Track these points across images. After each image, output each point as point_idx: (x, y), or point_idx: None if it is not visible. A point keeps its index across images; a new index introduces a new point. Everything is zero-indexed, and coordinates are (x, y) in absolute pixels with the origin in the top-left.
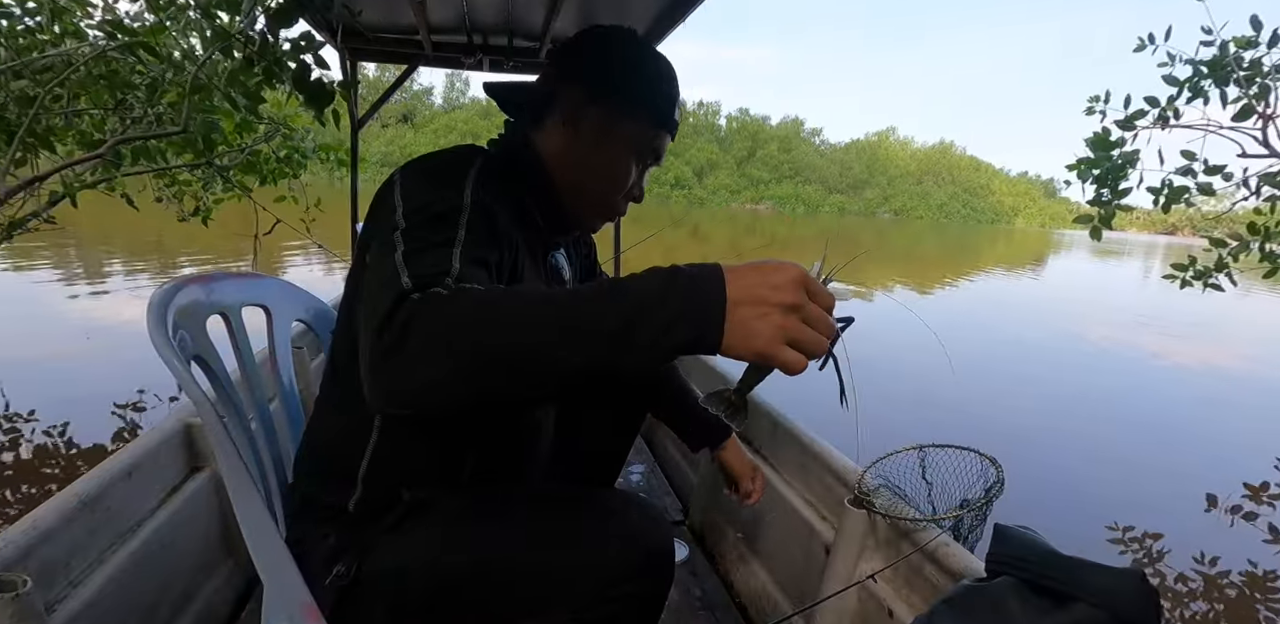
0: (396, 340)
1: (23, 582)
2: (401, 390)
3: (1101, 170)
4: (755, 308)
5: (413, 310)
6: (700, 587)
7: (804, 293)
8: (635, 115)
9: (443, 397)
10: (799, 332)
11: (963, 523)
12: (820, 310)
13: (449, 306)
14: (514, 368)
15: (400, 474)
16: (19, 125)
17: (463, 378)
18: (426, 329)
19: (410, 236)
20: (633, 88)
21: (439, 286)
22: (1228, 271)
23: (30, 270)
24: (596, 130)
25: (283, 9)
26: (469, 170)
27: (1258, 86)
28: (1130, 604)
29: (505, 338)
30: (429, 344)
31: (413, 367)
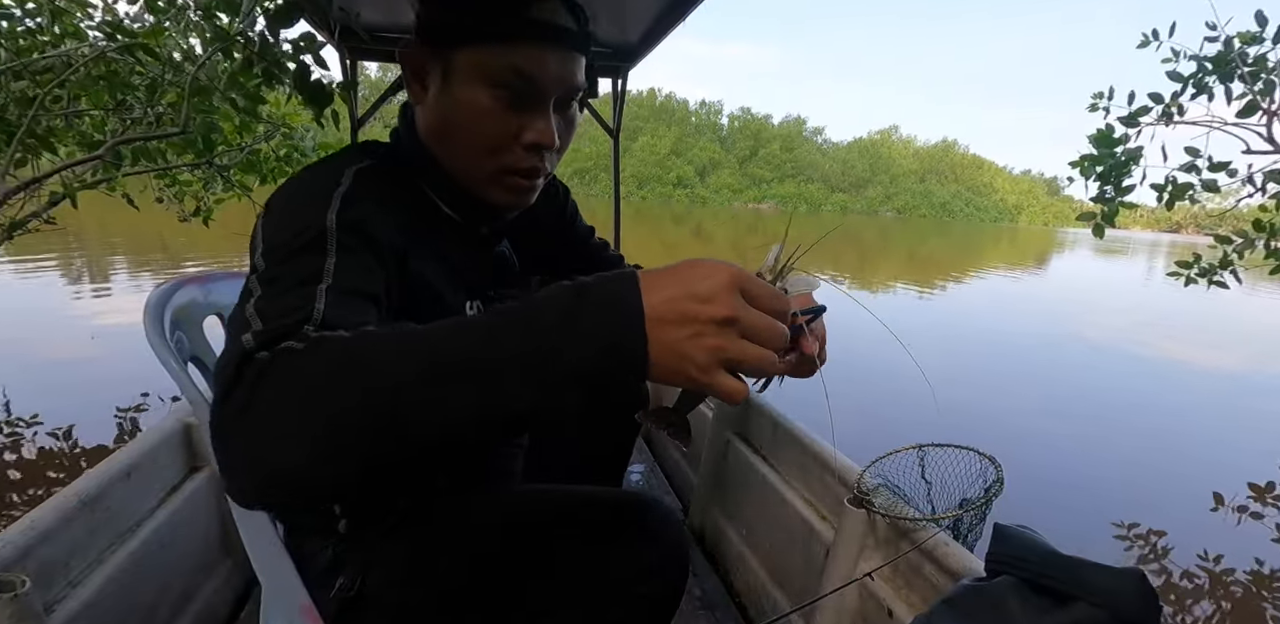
0: (237, 416)
1: (21, 582)
2: (258, 479)
3: (1105, 167)
4: (682, 327)
5: (257, 376)
6: (700, 587)
7: (739, 300)
8: (468, 40)
9: (315, 477)
10: (738, 351)
11: (962, 522)
12: (764, 318)
13: (301, 365)
14: (393, 427)
15: (374, 494)
16: (19, 126)
17: (333, 450)
18: (273, 398)
19: (267, 278)
20: (454, 11)
21: (293, 339)
22: (1232, 269)
23: (33, 271)
24: (440, 81)
25: (282, 10)
26: (335, 186)
27: (1263, 82)
28: (1130, 604)
29: (372, 396)
30: (278, 418)
31: (266, 445)
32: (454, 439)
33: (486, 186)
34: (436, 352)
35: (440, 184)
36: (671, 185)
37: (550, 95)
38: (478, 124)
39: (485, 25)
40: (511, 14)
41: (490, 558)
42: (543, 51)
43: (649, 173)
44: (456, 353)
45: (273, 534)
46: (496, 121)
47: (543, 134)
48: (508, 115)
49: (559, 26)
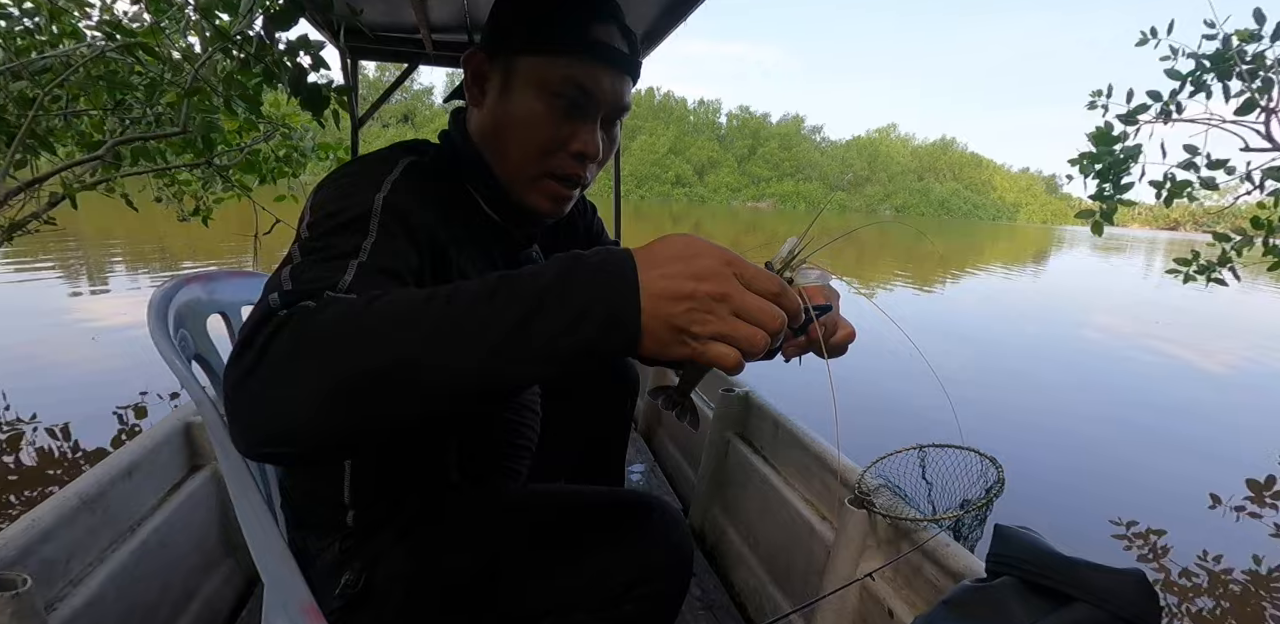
0: (251, 366)
1: (22, 580)
2: (260, 427)
3: (1104, 165)
4: (677, 302)
5: (274, 330)
6: (700, 587)
7: (733, 280)
8: (532, 49)
9: (312, 431)
10: (729, 328)
11: (963, 523)
12: (757, 299)
13: (311, 321)
14: (388, 387)
15: (386, 486)
16: (18, 127)
17: (328, 405)
18: (283, 350)
19: (308, 248)
20: (522, 23)
21: (312, 300)
22: (1231, 266)
23: (32, 272)
24: (500, 86)
25: (282, 11)
26: (388, 173)
27: (1261, 80)
28: (1131, 605)
29: (372, 352)
30: (284, 369)
31: (268, 397)
32: (451, 402)
33: (528, 189)
34: (437, 313)
35: (485, 184)
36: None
37: (600, 110)
38: (532, 126)
39: (551, 39)
40: (576, 31)
41: (496, 557)
42: (599, 69)
43: (647, 172)
44: (456, 315)
45: (275, 532)
46: (550, 126)
47: (589, 144)
48: (560, 123)
49: (615, 48)
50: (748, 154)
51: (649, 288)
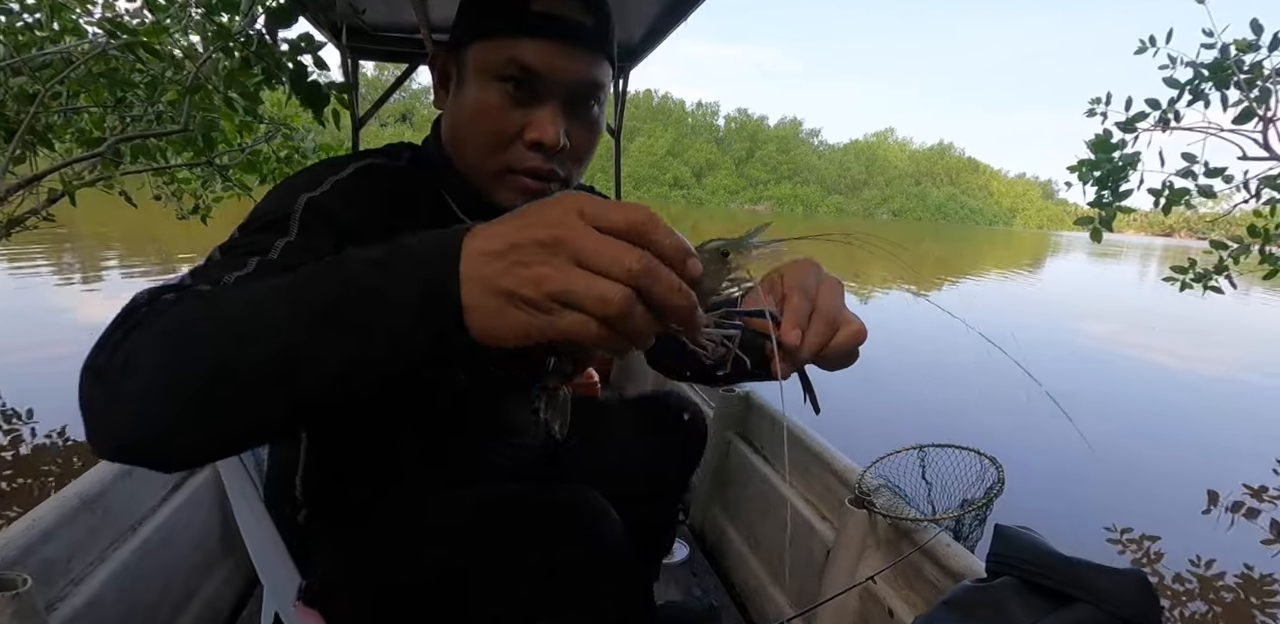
0: (98, 362)
1: (23, 580)
2: (103, 425)
3: (1102, 172)
4: (500, 258)
5: (130, 324)
6: (700, 587)
7: (574, 220)
8: (475, 36)
9: (151, 429)
10: (565, 281)
11: (963, 523)
12: (601, 238)
13: (163, 312)
14: (236, 374)
15: (335, 479)
16: (19, 123)
17: (160, 398)
18: (131, 344)
19: (226, 247)
20: (468, 10)
21: (175, 293)
22: (1227, 274)
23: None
24: (456, 82)
25: (283, 9)
26: (334, 174)
27: (1258, 90)
28: (1131, 605)
29: (219, 336)
30: (126, 362)
31: (109, 394)
32: (290, 389)
33: (493, 187)
34: (270, 297)
35: (455, 186)
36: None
37: (556, 92)
38: (481, 120)
39: (488, 20)
40: (515, 6)
41: (429, 562)
42: (547, 45)
43: (645, 173)
44: (286, 296)
45: (273, 532)
46: (499, 117)
47: (544, 132)
48: (511, 112)
49: (564, 19)
50: (746, 157)
51: (470, 247)
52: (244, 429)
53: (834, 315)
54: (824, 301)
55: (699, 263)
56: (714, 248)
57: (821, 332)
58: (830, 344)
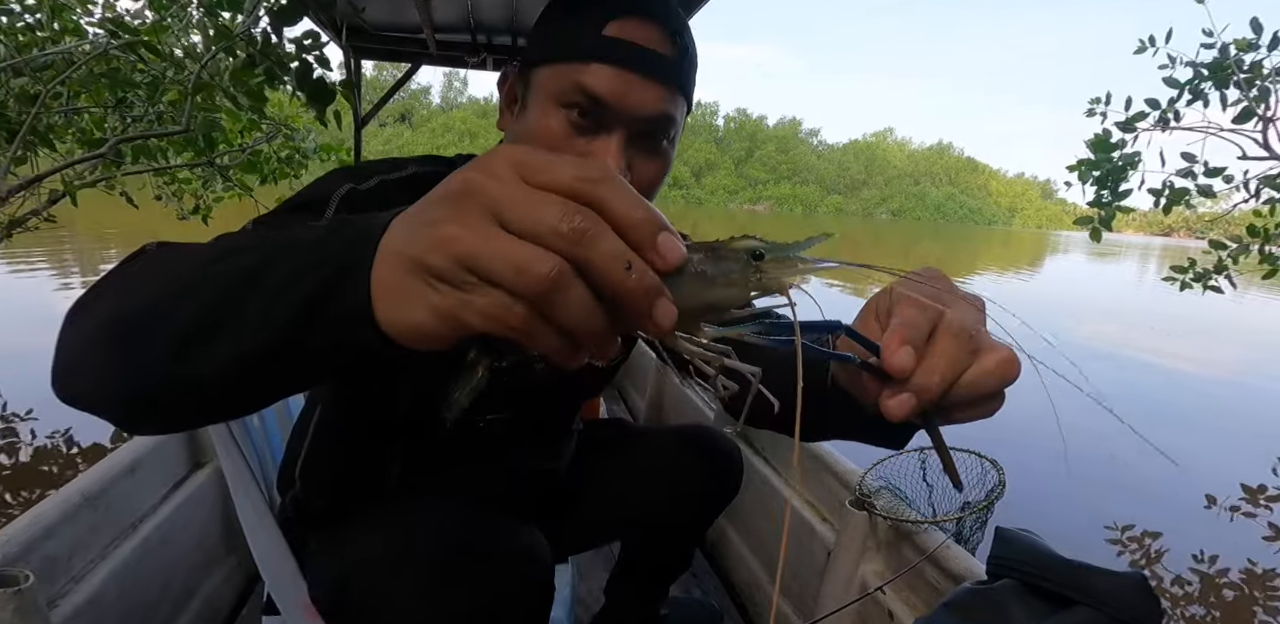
0: (78, 301)
1: (24, 577)
2: (58, 371)
3: (1102, 172)
4: (413, 220)
5: (113, 269)
6: (700, 587)
7: (505, 171)
8: (547, 58)
9: (87, 377)
10: (474, 244)
11: (964, 525)
12: (537, 196)
13: (135, 259)
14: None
15: (324, 481)
16: (20, 123)
17: (95, 345)
18: (97, 287)
19: (256, 221)
20: (541, 31)
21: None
22: (1227, 273)
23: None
24: (522, 101)
25: (286, 8)
26: (383, 173)
27: (1258, 89)
28: (1131, 607)
29: (140, 287)
30: (88, 310)
31: (63, 333)
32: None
33: None
34: (215, 254)
35: None
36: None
37: (622, 122)
38: (540, 146)
39: (559, 42)
40: (589, 30)
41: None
42: (618, 73)
43: None
44: (226, 255)
45: (275, 530)
46: (559, 145)
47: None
48: (572, 139)
49: (640, 47)
50: (745, 156)
51: (398, 220)
52: (152, 385)
53: (970, 334)
54: (955, 315)
55: (678, 243)
56: (745, 246)
57: (952, 354)
58: (966, 376)
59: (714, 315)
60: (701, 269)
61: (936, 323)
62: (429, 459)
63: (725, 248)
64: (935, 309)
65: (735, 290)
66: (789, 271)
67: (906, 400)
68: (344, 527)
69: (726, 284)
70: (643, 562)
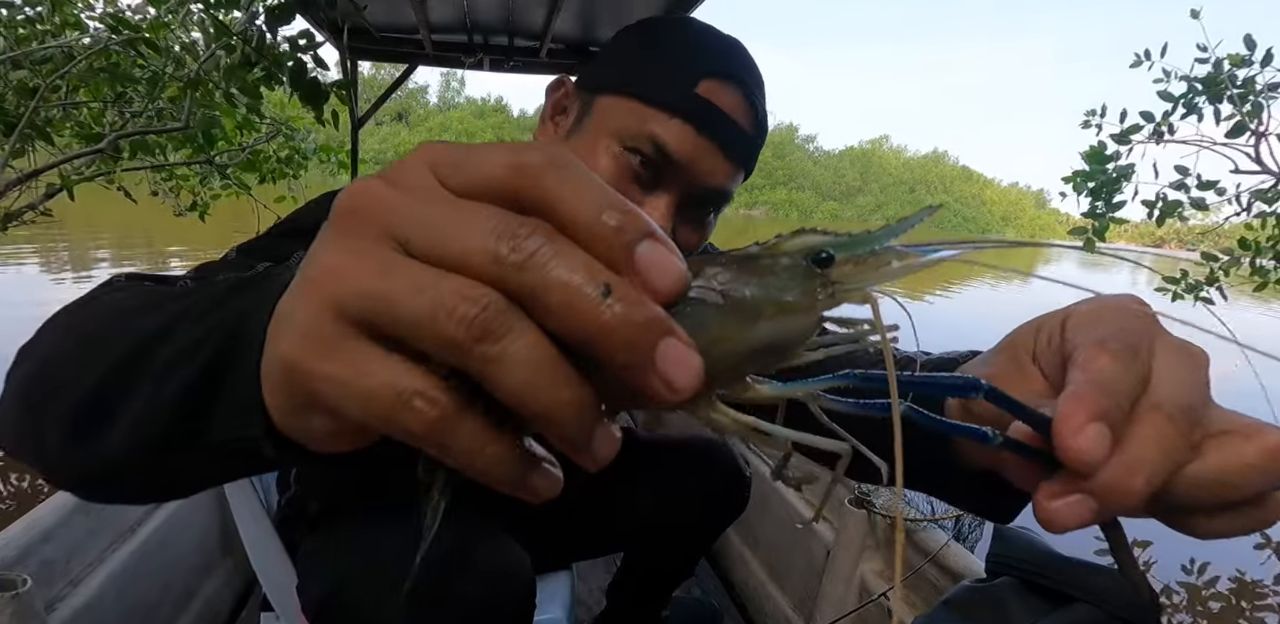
0: (18, 353)
1: (22, 581)
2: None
3: (1096, 183)
4: (308, 259)
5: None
6: (700, 587)
7: (420, 178)
8: (620, 90)
9: (7, 434)
10: (374, 273)
11: (963, 523)
12: (455, 206)
13: (83, 302)
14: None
15: (320, 486)
16: (19, 117)
17: (13, 402)
18: (37, 337)
19: (243, 249)
20: (620, 60)
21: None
22: (1218, 285)
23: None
24: (571, 123)
25: (284, 6)
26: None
27: (1251, 104)
28: (1130, 605)
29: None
30: (23, 357)
31: (5, 385)
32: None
33: None
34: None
35: None
36: None
37: (680, 183)
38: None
39: (646, 83)
40: (681, 82)
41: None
42: (698, 136)
43: None
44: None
45: (271, 533)
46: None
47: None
48: (625, 185)
49: (725, 117)
50: None
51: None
52: (54, 462)
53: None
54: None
55: (670, 256)
56: (800, 245)
57: (1168, 442)
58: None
59: (768, 361)
60: (732, 291)
61: (1143, 390)
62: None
63: (766, 253)
64: (1144, 367)
65: (795, 318)
66: (877, 275)
67: (1080, 505)
68: (332, 538)
69: (778, 311)
70: (647, 570)
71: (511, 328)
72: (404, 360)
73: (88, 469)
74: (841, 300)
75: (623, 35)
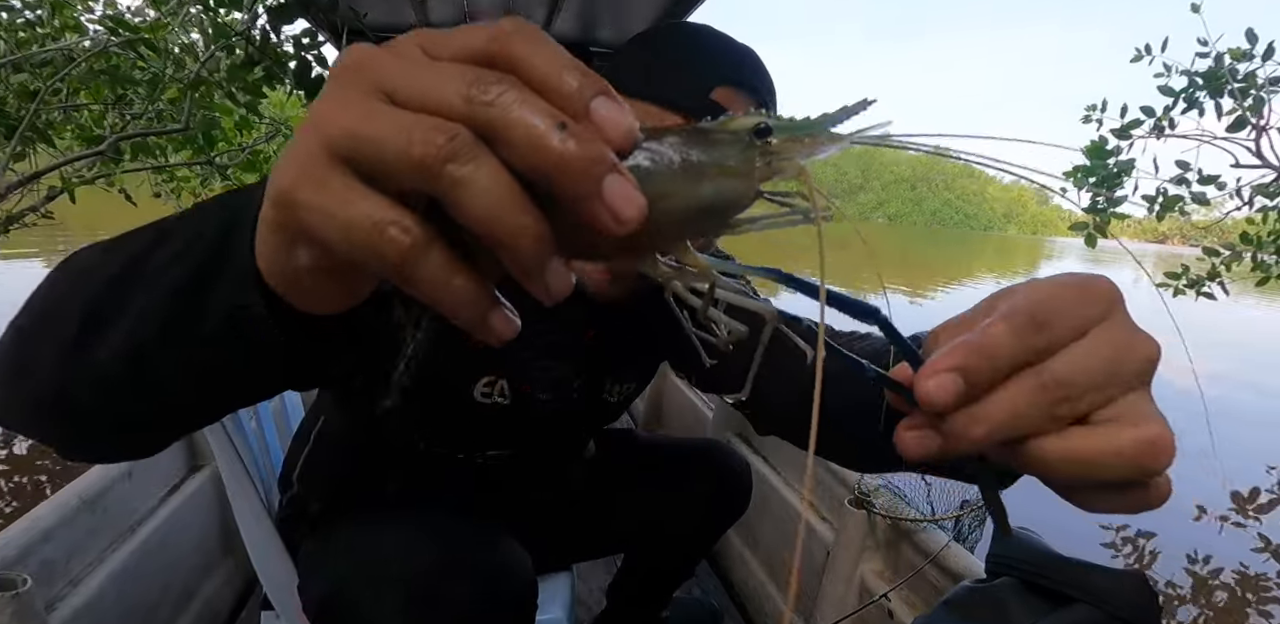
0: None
1: (22, 580)
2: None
3: (1097, 178)
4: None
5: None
6: (700, 587)
7: (408, 48)
8: (641, 95)
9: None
10: (353, 124)
11: (962, 524)
12: (434, 64)
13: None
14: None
15: (322, 486)
16: (19, 119)
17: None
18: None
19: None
20: (644, 64)
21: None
22: (1220, 280)
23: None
24: None
25: (284, 7)
26: None
27: (1251, 98)
28: (1130, 605)
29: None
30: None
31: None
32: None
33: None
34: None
35: None
36: None
37: None
38: None
39: (666, 88)
40: (697, 88)
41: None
42: None
43: None
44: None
45: (272, 533)
46: None
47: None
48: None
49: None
50: None
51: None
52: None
53: (1075, 388)
54: (1077, 357)
55: (622, 111)
56: (745, 122)
57: (1020, 407)
58: (1071, 449)
59: (710, 224)
60: (680, 153)
61: (1034, 359)
62: (424, 482)
63: (714, 126)
64: (1050, 339)
65: (735, 182)
66: (810, 150)
67: (927, 439)
68: (333, 538)
69: (720, 173)
70: (647, 571)
71: (476, 156)
72: (384, 196)
73: (77, 390)
74: (778, 170)
75: (640, 40)
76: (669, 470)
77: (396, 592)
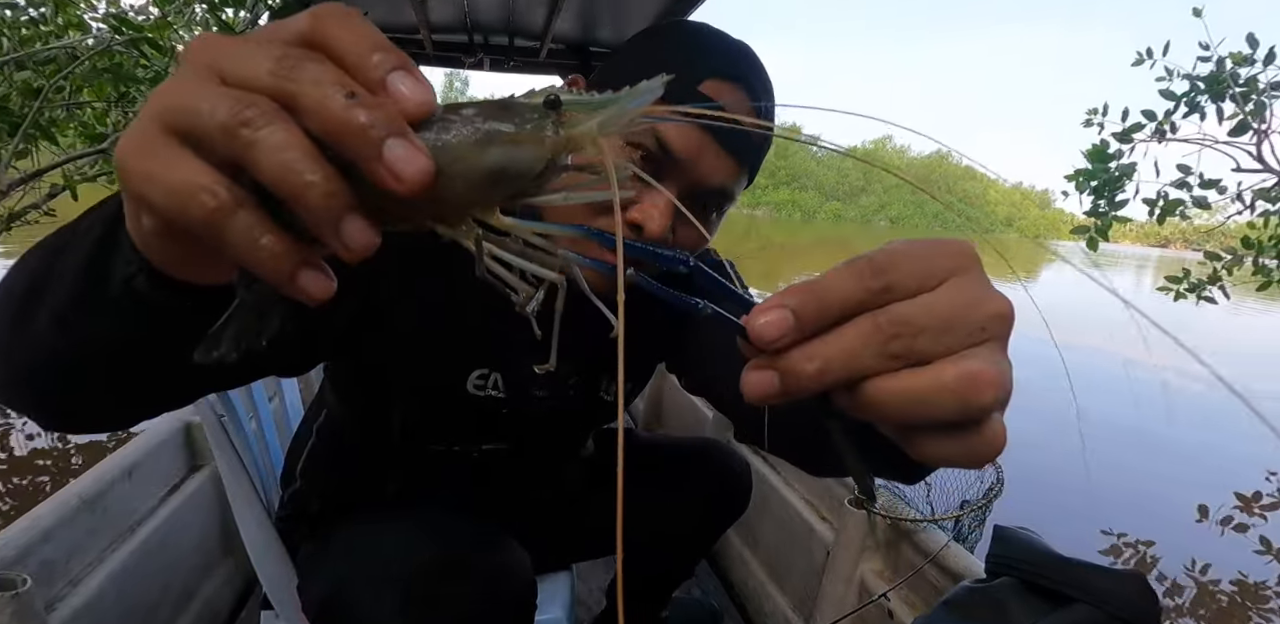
0: None
1: (22, 580)
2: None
3: (1099, 182)
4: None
5: None
6: (700, 587)
7: (254, 35)
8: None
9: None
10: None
11: (962, 524)
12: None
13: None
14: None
15: (324, 482)
16: (22, 117)
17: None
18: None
19: None
20: (633, 60)
21: None
22: (1221, 285)
23: None
24: None
25: (286, 6)
26: None
27: (1253, 103)
28: (1130, 606)
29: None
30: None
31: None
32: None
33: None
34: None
35: None
36: None
37: (680, 181)
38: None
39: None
40: (684, 81)
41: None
42: (701, 134)
43: None
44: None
45: (272, 533)
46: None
47: (649, 217)
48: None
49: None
50: None
51: None
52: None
53: (911, 328)
54: (909, 305)
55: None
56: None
57: (853, 344)
58: (902, 385)
59: (504, 188)
60: (474, 122)
61: (872, 302)
62: (424, 479)
63: (511, 100)
64: (889, 283)
65: (523, 149)
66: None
67: (767, 378)
68: (332, 538)
69: (509, 141)
70: (647, 571)
71: (272, 122)
72: (204, 164)
73: (30, 358)
74: (570, 140)
75: (635, 38)
76: (669, 470)
77: (396, 592)
